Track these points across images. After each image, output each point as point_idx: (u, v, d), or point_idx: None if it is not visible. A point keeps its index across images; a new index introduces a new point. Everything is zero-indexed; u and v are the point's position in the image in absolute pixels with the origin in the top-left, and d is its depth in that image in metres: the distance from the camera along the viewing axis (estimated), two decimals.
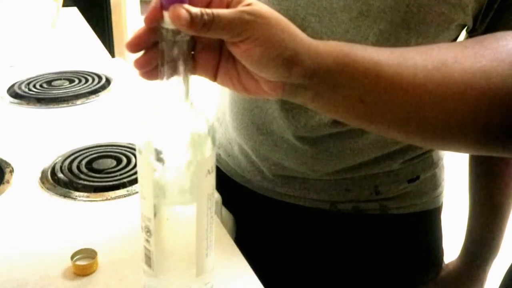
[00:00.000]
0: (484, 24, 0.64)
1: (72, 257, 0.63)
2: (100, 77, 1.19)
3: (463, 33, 0.68)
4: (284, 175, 0.78)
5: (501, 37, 0.49)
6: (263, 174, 0.80)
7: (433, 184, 0.80)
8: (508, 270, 0.51)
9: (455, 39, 0.67)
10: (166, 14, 0.42)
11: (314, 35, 0.52)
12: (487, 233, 0.84)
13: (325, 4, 0.63)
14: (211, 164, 0.48)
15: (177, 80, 0.45)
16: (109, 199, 0.76)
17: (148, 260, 0.51)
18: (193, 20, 0.41)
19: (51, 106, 1.06)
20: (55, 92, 1.11)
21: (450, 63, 0.47)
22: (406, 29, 0.62)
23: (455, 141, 0.50)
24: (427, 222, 0.83)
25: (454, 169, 1.16)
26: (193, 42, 0.46)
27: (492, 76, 0.46)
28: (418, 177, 0.77)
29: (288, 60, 0.43)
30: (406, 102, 0.47)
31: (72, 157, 0.85)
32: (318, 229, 0.81)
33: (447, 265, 0.88)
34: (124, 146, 0.89)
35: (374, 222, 0.79)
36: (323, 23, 0.64)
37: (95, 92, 1.12)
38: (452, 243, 0.93)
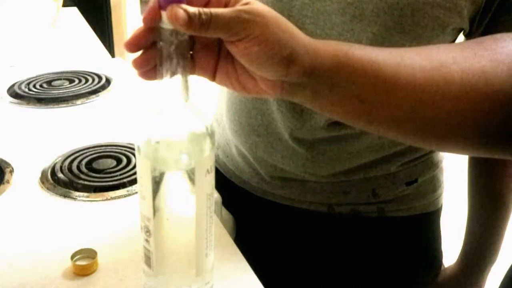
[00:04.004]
0: (481, 27, 0.63)
1: (72, 257, 0.63)
2: (100, 77, 1.19)
3: (461, 37, 0.67)
4: (281, 177, 0.78)
5: (500, 39, 0.49)
6: (260, 176, 0.80)
7: (432, 186, 0.79)
8: (507, 274, 0.51)
9: (452, 43, 0.67)
10: (164, 14, 0.42)
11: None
12: (486, 237, 0.83)
13: (319, 6, 0.63)
14: (210, 164, 0.48)
15: (175, 80, 0.45)
16: (109, 199, 0.76)
17: (148, 260, 0.51)
18: (191, 20, 0.41)
19: (51, 106, 1.07)
20: (55, 92, 1.11)
21: (449, 64, 0.47)
22: (400, 33, 0.61)
23: (454, 142, 0.49)
24: (426, 224, 0.82)
25: (454, 170, 1.16)
26: (192, 42, 0.46)
27: (491, 77, 0.46)
28: (416, 180, 0.77)
29: (286, 59, 0.43)
30: (405, 102, 0.47)
31: (72, 157, 0.85)
32: (316, 231, 0.80)
33: (445, 269, 0.88)
34: (124, 146, 0.89)
35: (372, 225, 0.78)
36: (318, 25, 0.64)
37: (95, 92, 1.12)
38: (452, 245, 0.93)
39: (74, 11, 1.81)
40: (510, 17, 0.62)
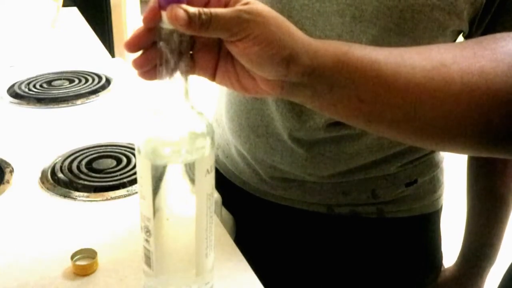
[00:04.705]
0: (481, 28, 0.63)
1: (72, 257, 0.63)
2: (100, 77, 1.19)
3: (460, 39, 0.67)
4: (280, 177, 0.78)
5: (500, 38, 0.49)
6: (260, 177, 0.80)
7: (432, 187, 0.79)
8: (506, 274, 0.51)
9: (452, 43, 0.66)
10: (164, 14, 0.42)
11: None
12: (486, 237, 0.83)
13: (318, 7, 0.63)
14: (210, 164, 0.48)
15: (175, 80, 0.45)
16: (109, 199, 0.76)
17: (148, 260, 0.51)
18: (191, 20, 0.41)
19: (51, 106, 1.07)
20: (55, 92, 1.11)
21: (449, 64, 0.47)
22: (400, 34, 0.61)
23: (454, 141, 0.49)
24: (426, 225, 0.82)
25: (454, 171, 1.15)
26: (192, 42, 0.46)
27: (491, 77, 0.46)
28: (416, 181, 0.77)
29: (286, 58, 0.43)
30: (405, 102, 0.47)
31: (72, 157, 0.85)
32: (316, 232, 0.80)
33: (444, 270, 0.88)
34: (124, 146, 0.89)
35: (372, 226, 0.78)
36: (317, 27, 0.64)
37: (95, 92, 1.12)
38: (452, 245, 0.93)
39: (74, 11, 1.81)
40: (509, 17, 0.62)
